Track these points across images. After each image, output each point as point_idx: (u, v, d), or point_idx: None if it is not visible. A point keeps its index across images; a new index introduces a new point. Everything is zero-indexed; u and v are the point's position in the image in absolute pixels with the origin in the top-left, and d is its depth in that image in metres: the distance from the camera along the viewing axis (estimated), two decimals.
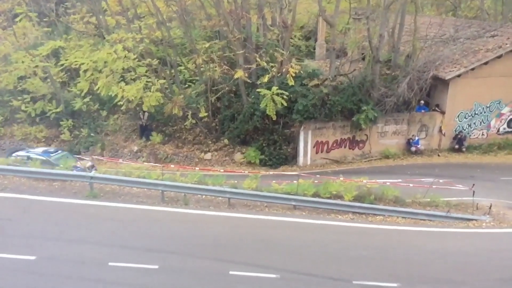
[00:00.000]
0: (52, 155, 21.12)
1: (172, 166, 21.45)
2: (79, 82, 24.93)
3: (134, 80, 23.81)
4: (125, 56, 22.94)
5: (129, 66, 23.37)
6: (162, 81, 24.31)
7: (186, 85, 26.63)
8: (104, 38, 26.02)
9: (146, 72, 24.33)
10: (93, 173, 16.45)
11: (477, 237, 15.63)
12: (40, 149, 22.02)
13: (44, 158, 20.55)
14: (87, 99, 25.30)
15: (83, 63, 23.57)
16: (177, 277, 11.63)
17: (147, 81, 23.58)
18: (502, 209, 17.79)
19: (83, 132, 25.04)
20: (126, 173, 17.60)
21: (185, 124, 24.29)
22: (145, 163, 21.88)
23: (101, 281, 11.27)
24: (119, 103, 23.40)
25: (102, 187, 17.06)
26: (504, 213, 17.48)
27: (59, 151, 22.09)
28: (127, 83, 23.70)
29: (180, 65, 26.93)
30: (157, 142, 24.62)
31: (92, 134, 25.09)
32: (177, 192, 16.95)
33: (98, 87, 23.10)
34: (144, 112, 24.36)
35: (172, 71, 26.24)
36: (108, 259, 12.11)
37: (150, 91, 23.21)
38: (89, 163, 21.53)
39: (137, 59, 23.89)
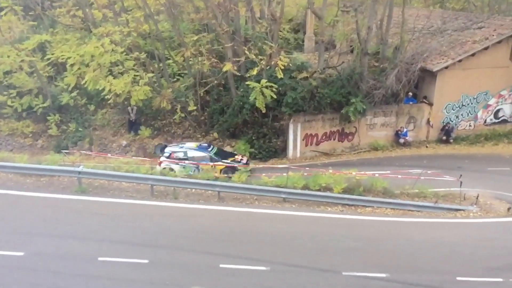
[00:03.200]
0: (209, 149, 21.42)
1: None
2: (66, 76, 24.67)
3: (122, 74, 23.61)
4: (113, 50, 22.73)
5: (116, 59, 23.18)
6: (150, 74, 24.15)
7: (175, 79, 26.48)
8: (91, 31, 25.74)
9: (134, 65, 24.14)
10: (81, 168, 16.31)
11: (464, 227, 15.84)
12: (192, 144, 21.94)
13: (205, 154, 20.92)
14: (74, 94, 25.03)
15: (69, 57, 23.31)
16: (167, 271, 11.62)
17: (135, 75, 23.40)
18: (489, 199, 18.02)
19: (71, 127, 24.80)
20: (115, 168, 17.52)
21: (174, 118, 24.19)
22: (134, 157, 21.75)
23: (91, 276, 11.22)
24: (107, 97, 23.20)
25: (90, 182, 16.95)
26: (491, 203, 17.71)
27: (211, 146, 22.27)
28: (114, 77, 23.50)
29: (169, 59, 26.74)
30: (146, 136, 24.49)
31: (80, 129, 24.85)
32: (167, 186, 16.92)
33: (86, 81, 22.88)
34: (132, 106, 24.17)
35: (160, 64, 26.05)
36: (98, 254, 12.07)
37: (138, 85, 23.05)
38: (245, 158, 21.86)
39: (124, 53, 23.70)
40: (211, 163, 20.61)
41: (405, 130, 24.70)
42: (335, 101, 23.02)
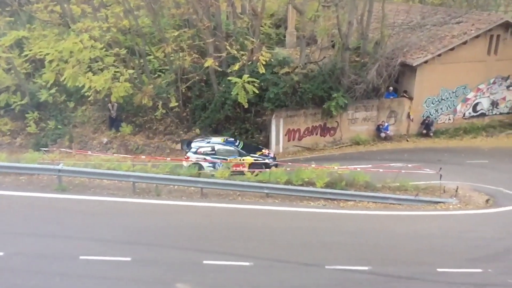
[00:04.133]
0: (236, 144, 21.33)
1: (143, 157, 21.18)
2: (45, 73, 24.19)
3: (101, 70, 23.29)
4: (92, 46, 22.35)
5: (96, 56, 22.81)
6: (130, 71, 23.85)
7: (156, 75, 26.24)
8: (70, 27, 25.26)
9: (114, 62, 23.83)
10: (61, 166, 16.08)
11: (444, 219, 16.09)
12: (218, 139, 21.71)
13: (233, 148, 20.78)
14: (53, 91, 24.59)
15: (48, 54, 22.86)
16: (150, 268, 11.55)
17: (115, 71, 23.09)
18: (468, 191, 18.32)
19: (50, 124, 24.39)
20: (96, 165, 17.31)
21: (155, 114, 23.99)
22: (115, 154, 21.53)
23: (72, 275, 11.10)
24: (86, 94, 22.86)
25: (71, 180, 16.75)
26: (470, 195, 18.01)
27: (238, 140, 22.08)
28: (94, 74, 23.14)
29: (149, 55, 26.48)
30: (127, 133, 24.23)
31: (59, 126, 24.47)
32: (149, 183, 16.80)
33: (65, 78, 22.48)
34: (113, 103, 23.89)
35: (141, 60, 25.78)
36: (79, 252, 11.93)
37: (118, 81, 22.75)
38: (272, 152, 21.93)
39: (104, 49, 23.34)
40: (239, 158, 20.68)
41: (386, 124, 24.95)
42: (317, 96, 23.13)
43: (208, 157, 20.54)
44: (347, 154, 23.58)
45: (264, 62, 21.59)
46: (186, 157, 20.71)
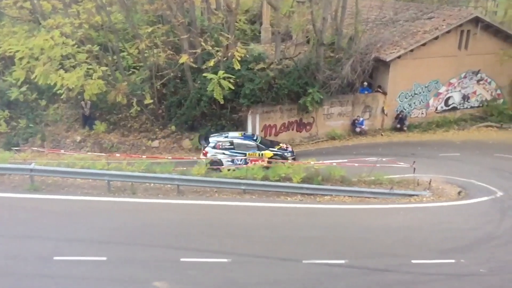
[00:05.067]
0: (254, 138, 21.31)
1: (118, 155, 20.91)
2: (15, 70, 23.56)
3: (74, 67, 22.81)
4: (63, 43, 21.91)
5: (68, 53, 22.35)
6: (104, 68, 23.45)
7: (130, 72, 25.90)
8: (40, 24, 24.68)
9: (86, 58, 23.37)
10: (33, 166, 15.74)
11: (418, 211, 16.38)
12: (236, 133, 21.75)
13: (251, 143, 20.74)
14: (24, 88, 23.98)
15: (18, 51, 22.30)
16: (126, 267, 11.42)
17: (88, 68, 22.67)
18: (440, 184, 18.70)
19: (21, 123, 23.80)
20: (69, 164, 17.00)
21: (130, 111, 23.68)
22: (89, 153, 21.19)
23: (46, 277, 10.88)
24: (58, 92, 22.41)
25: (43, 179, 16.43)
26: (443, 187, 18.39)
27: (255, 135, 22.29)
28: (66, 71, 22.66)
29: (123, 51, 26.10)
30: (102, 131, 23.85)
31: (31, 125, 23.90)
32: (124, 182, 16.60)
33: (36, 76, 21.97)
34: (86, 100, 23.47)
35: (115, 57, 25.38)
36: (53, 253, 11.70)
37: (91, 78, 22.36)
38: (290, 147, 21.99)
39: (76, 46, 22.90)
40: (258, 152, 20.68)
41: (361, 119, 25.23)
42: (292, 92, 23.22)
43: (227, 152, 20.57)
44: (323, 149, 23.78)
45: (239, 58, 21.54)
46: (204, 152, 20.69)
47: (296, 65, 24.05)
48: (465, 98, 27.17)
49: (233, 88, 21.59)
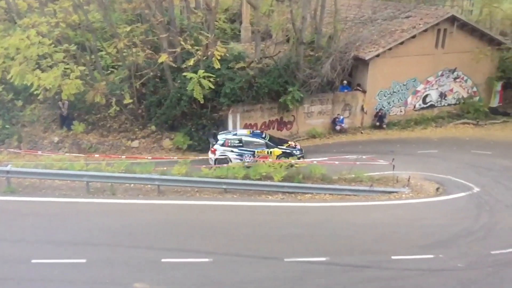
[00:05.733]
0: (263, 136, 21.19)
1: (97, 155, 20.65)
2: None
3: (51, 67, 22.40)
4: (40, 42, 21.47)
5: (44, 52, 21.92)
6: (81, 67, 23.08)
7: (109, 71, 25.56)
8: (16, 23, 24.22)
9: (63, 58, 22.96)
10: (9, 167, 15.44)
11: (398, 208, 16.61)
12: (244, 131, 21.90)
13: (260, 140, 20.73)
14: None
15: None
16: (106, 269, 11.29)
17: (65, 68, 22.27)
18: (419, 180, 18.97)
19: None
20: (47, 166, 16.73)
21: (109, 111, 23.36)
22: (67, 154, 20.87)
23: (24, 280, 10.69)
24: (35, 92, 21.98)
25: (20, 181, 16.12)
26: (421, 184, 18.65)
27: (264, 133, 22.35)
28: (43, 71, 22.23)
29: (101, 50, 25.74)
30: (80, 132, 23.51)
31: (7, 126, 23.41)
32: (103, 182, 16.40)
33: (11, 76, 21.53)
34: (63, 100, 23.10)
35: (93, 56, 25.03)
36: (31, 256, 11.48)
37: (69, 78, 21.97)
38: (298, 145, 22.03)
39: (53, 45, 22.46)
40: (267, 150, 20.72)
41: (341, 117, 25.42)
42: (273, 91, 23.26)
43: (235, 149, 20.61)
44: (304, 147, 23.79)
45: (219, 57, 21.46)
46: (212, 149, 20.72)
47: (276, 64, 24.10)
48: (442, 96, 27.61)
49: (213, 87, 21.51)
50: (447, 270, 12.28)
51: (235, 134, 21.30)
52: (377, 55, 24.76)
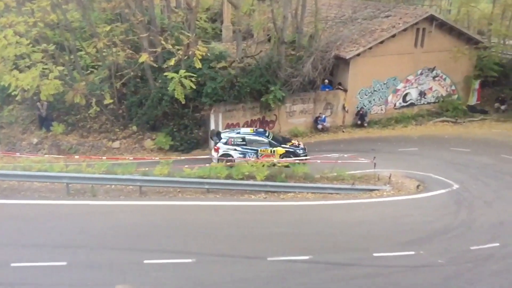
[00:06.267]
0: (266, 134, 21.03)
1: (77, 156, 20.38)
2: None
3: (29, 67, 22.03)
4: (17, 42, 21.08)
5: (22, 52, 21.52)
6: (60, 67, 22.74)
7: (88, 71, 25.21)
8: None
9: (42, 58, 22.59)
10: None
11: (379, 206, 16.76)
12: (248, 129, 21.82)
13: (263, 139, 20.61)
14: None
15: None
16: (88, 271, 11.17)
17: (43, 68, 21.93)
18: (400, 178, 19.15)
19: None
20: (26, 167, 16.46)
21: (89, 112, 23.07)
22: (46, 155, 20.55)
23: (3, 284, 10.51)
24: (13, 93, 21.59)
25: None
26: (402, 181, 18.85)
27: (267, 131, 22.27)
28: (21, 71, 21.86)
29: (80, 50, 25.40)
30: (59, 133, 23.15)
31: None
32: (84, 184, 16.21)
33: None
34: (42, 101, 22.73)
35: (72, 56, 24.69)
36: (10, 260, 11.34)
37: (47, 78, 21.64)
38: (302, 143, 21.91)
39: (31, 45, 22.09)
40: (270, 148, 20.66)
41: (323, 116, 25.55)
42: (254, 90, 23.26)
43: (238, 148, 20.56)
44: None
45: (200, 57, 21.36)
46: (215, 147, 20.68)
47: (257, 63, 24.11)
48: (422, 94, 27.96)
49: (194, 87, 21.40)
50: (428, 266, 12.45)
51: (239, 133, 21.27)
52: (358, 54, 24.94)
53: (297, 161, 20.08)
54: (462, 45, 26.84)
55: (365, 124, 26.30)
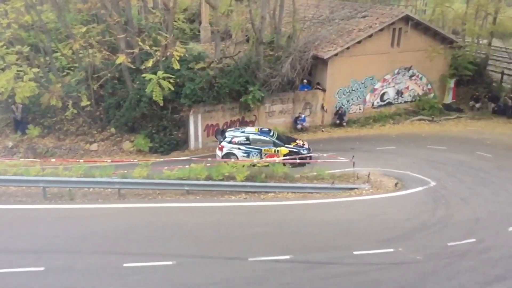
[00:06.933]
0: (270, 134, 20.88)
1: (53, 160, 20.04)
2: None
3: (3, 69, 21.58)
4: None
5: None
6: (35, 69, 22.34)
7: (64, 73, 24.83)
8: None
9: (16, 60, 22.14)
10: None
11: (358, 204, 16.93)
12: (252, 129, 21.89)
13: (267, 139, 20.46)
14: None
15: None
16: (65, 276, 10.99)
17: (18, 70, 21.50)
18: (378, 176, 19.37)
19: None
20: (1, 171, 16.09)
21: (65, 114, 22.68)
22: (22, 159, 20.15)
23: None
24: None
25: None
26: (381, 180, 19.06)
27: (272, 130, 22.09)
28: None
29: (56, 52, 24.99)
30: (35, 136, 22.72)
31: None
32: (61, 187, 15.94)
33: None
34: (17, 104, 22.28)
35: (47, 58, 24.27)
36: None
37: (22, 81, 21.24)
38: (306, 143, 21.89)
39: (5, 47, 21.69)
40: (274, 148, 20.65)
41: (303, 116, 25.67)
42: (233, 91, 23.23)
43: (242, 147, 20.56)
44: None
45: (178, 58, 21.23)
46: (220, 146, 20.68)
47: (236, 64, 24.10)
48: (399, 93, 28.34)
49: (173, 88, 21.26)
50: (406, 263, 12.63)
51: (243, 132, 21.25)
52: (336, 54, 25.14)
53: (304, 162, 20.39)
54: (437, 45, 27.31)
55: (344, 124, 26.52)
